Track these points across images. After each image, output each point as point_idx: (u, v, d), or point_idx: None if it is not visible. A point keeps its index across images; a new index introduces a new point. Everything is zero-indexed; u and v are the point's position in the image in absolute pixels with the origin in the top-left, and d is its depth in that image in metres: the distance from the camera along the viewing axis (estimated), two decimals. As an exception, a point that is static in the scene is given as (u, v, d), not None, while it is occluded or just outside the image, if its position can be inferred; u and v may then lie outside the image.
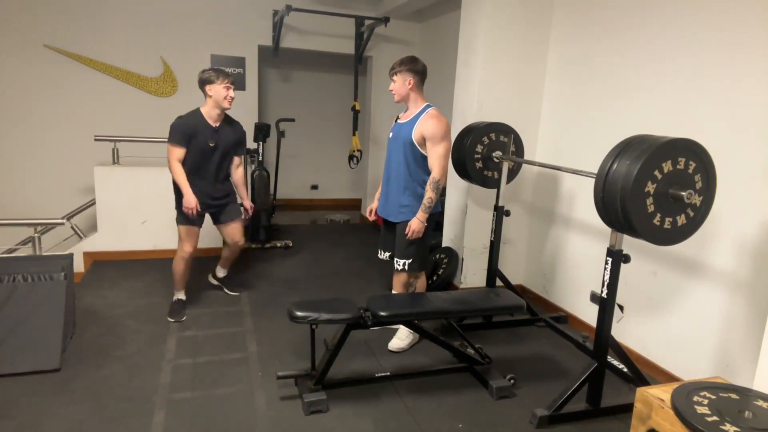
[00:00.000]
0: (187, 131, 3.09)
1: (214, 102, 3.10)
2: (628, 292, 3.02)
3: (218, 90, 3.06)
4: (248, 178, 5.35)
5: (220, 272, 3.82)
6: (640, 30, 2.96)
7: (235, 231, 3.48)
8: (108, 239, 4.41)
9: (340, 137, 7.20)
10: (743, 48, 2.41)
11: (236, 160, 3.41)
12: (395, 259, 3.00)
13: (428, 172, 2.84)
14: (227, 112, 3.25)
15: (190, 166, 3.17)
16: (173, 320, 3.32)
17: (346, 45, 5.90)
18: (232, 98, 3.12)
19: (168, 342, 3.03)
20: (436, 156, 2.78)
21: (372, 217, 3.17)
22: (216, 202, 3.35)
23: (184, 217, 3.25)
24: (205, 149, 3.15)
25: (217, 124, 3.18)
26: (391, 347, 3.03)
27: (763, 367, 1.86)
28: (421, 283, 3.16)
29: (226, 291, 3.78)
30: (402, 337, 3.05)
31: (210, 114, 3.14)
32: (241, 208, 3.53)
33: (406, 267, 2.96)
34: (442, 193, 4.26)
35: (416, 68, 2.82)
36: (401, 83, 2.83)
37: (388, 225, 3.10)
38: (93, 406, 2.37)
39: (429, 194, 2.79)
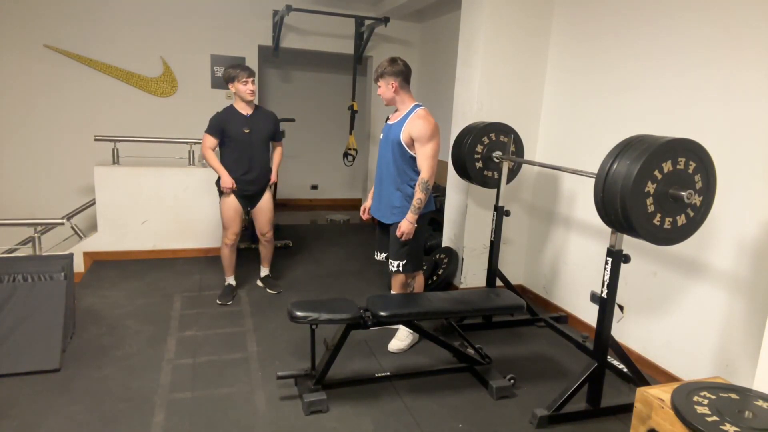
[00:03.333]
0: (220, 123, 3.46)
1: (239, 97, 3.47)
2: (628, 292, 3.02)
3: (238, 87, 3.40)
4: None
5: (263, 271, 3.98)
6: (641, 30, 2.97)
7: (263, 219, 3.71)
8: (108, 239, 4.41)
9: (341, 137, 7.20)
10: (744, 48, 2.41)
11: (275, 144, 3.76)
12: (389, 261, 3.00)
13: (418, 173, 2.83)
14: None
15: (236, 154, 3.50)
16: (220, 302, 3.59)
17: (346, 45, 5.90)
18: (252, 90, 3.45)
19: (168, 342, 3.03)
20: (425, 156, 2.77)
21: (365, 216, 3.17)
22: (255, 187, 3.60)
23: (224, 196, 3.54)
24: (242, 135, 3.47)
25: (249, 112, 3.51)
26: (390, 348, 3.03)
27: (763, 367, 1.86)
28: (418, 283, 3.16)
29: (268, 290, 3.89)
30: (401, 338, 3.05)
31: (239, 105, 3.50)
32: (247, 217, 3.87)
33: (401, 268, 2.96)
34: (441, 193, 4.27)
35: (396, 70, 2.82)
36: (385, 88, 2.85)
37: (382, 226, 3.10)
38: (93, 406, 2.37)
39: (418, 195, 2.79)
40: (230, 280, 3.78)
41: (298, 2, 5.20)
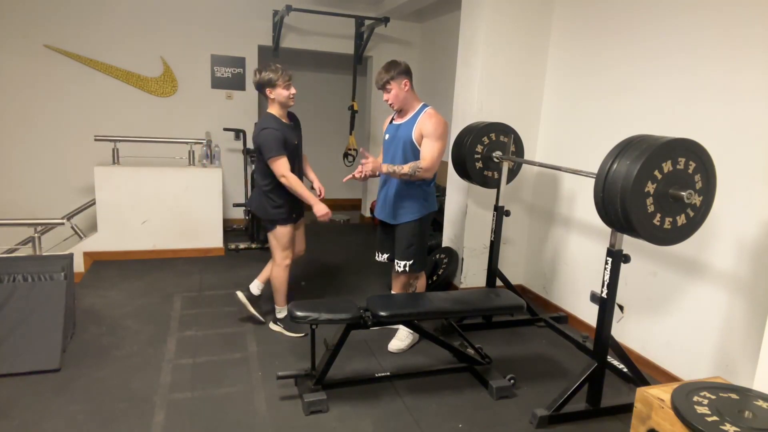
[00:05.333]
0: (282, 138, 2.92)
1: (279, 104, 2.99)
2: (628, 292, 3.02)
3: (280, 92, 2.94)
4: (249, 179, 5.38)
5: (256, 288, 3.36)
6: (641, 30, 2.96)
7: (301, 238, 3.44)
8: (108, 239, 4.41)
9: (341, 137, 7.19)
10: (744, 48, 2.41)
11: (304, 154, 3.33)
12: (396, 261, 2.99)
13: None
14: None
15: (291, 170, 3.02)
16: (297, 335, 3.14)
17: (346, 45, 5.90)
18: (294, 94, 3.00)
19: (168, 342, 3.03)
20: (429, 150, 2.76)
21: (359, 174, 2.91)
22: (303, 205, 3.23)
23: (286, 217, 3.11)
24: (293, 149, 3.04)
25: (289, 122, 3.09)
26: (390, 348, 3.03)
27: (763, 367, 1.86)
28: (421, 283, 3.16)
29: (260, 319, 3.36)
30: (401, 338, 3.05)
31: (281, 114, 3.03)
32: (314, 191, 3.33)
33: (407, 268, 2.96)
34: (442, 193, 4.27)
35: (404, 69, 2.81)
36: (398, 89, 2.79)
37: (385, 227, 3.10)
38: (93, 406, 2.37)
39: (405, 169, 2.74)
40: (284, 312, 3.23)
41: (298, 2, 5.20)
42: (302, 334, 3.13)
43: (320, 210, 3.05)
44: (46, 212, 4.88)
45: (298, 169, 3.14)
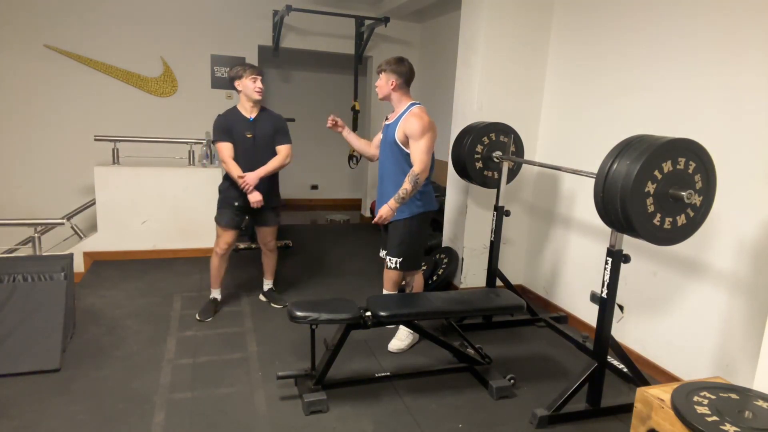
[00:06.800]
0: (224, 126, 3.19)
1: (245, 95, 3.20)
2: (628, 292, 3.02)
3: (246, 84, 3.15)
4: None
5: (266, 284, 3.69)
6: (641, 29, 2.96)
7: (266, 233, 3.48)
8: (108, 239, 4.41)
9: (340, 137, 7.18)
10: (743, 47, 2.41)
11: (277, 148, 3.32)
12: (387, 256, 3.00)
13: None
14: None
15: (237, 162, 3.21)
16: (200, 319, 3.31)
17: (346, 45, 5.90)
18: (261, 88, 3.20)
19: (168, 342, 3.03)
20: (418, 151, 2.77)
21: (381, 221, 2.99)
22: (261, 208, 3.30)
23: (222, 218, 3.30)
24: (244, 141, 3.21)
25: (254, 115, 3.24)
26: (390, 348, 3.03)
27: (763, 367, 1.86)
28: (417, 283, 3.16)
29: (273, 305, 3.60)
30: (401, 338, 3.05)
31: (245, 106, 3.23)
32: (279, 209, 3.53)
33: (398, 265, 2.96)
34: (442, 193, 4.26)
35: (400, 70, 2.84)
36: (384, 82, 2.88)
37: (385, 224, 3.10)
38: (93, 406, 2.37)
39: (405, 185, 2.77)
40: (215, 294, 3.48)
41: (298, 2, 5.20)
42: (208, 320, 3.33)
43: (253, 197, 3.22)
44: (46, 212, 4.88)
45: (252, 162, 3.23)
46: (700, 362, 2.62)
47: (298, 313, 2.39)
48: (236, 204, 3.27)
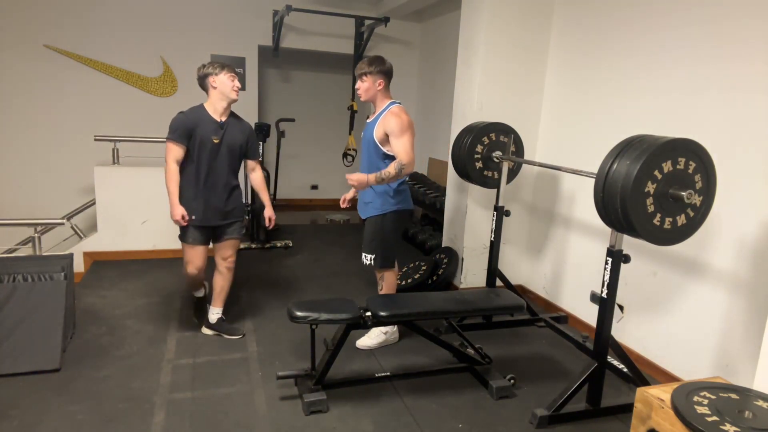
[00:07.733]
0: (188, 125, 2.80)
1: (221, 94, 2.82)
2: (628, 292, 3.02)
3: (224, 81, 2.80)
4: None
5: (213, 315, 3.11)
6: (641, 29, 2.96)
7: (227, 246, 3.01)
8: (108, 239, 4.40)
9: (340, 137, 7.20)
10: (744, 48, 2.41)
11: (250, 164, 3.06)
12: (362, 253, 3.00)
13: None
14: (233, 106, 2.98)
15: (196, 168, 2.85)
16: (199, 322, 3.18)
17: (346, 45, 5.90)
18: (239, 88, 2.88)
19: (168, 342, 3.03)
20: (401, 146, 2.74)
21: (344, 205, 3.06)
22: (222, 221, 2.94)
23: (187, 234, 2.91)
24: (209, 146, 2.82)
25: (223, 119, 2.87)
26: (358, 345, 2.99)
27: (763, 367, 1.86)
28: (388, 282, 3.02)
29: (226, 336, 3.09)
30: (372, 336, 3.03)
31: (216, 107, 2.85)
32: (245, 220, 3.26)
33: (372, 262, 2.95)
34: (441, 193, 4.25)
35: (386, 69, 2.85)
36: (371, 84, 2.85)
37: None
38: (93, 406, 2.37)
39: (389, 168, 2.71)
40: (198, 293, 3.25)
41: (298, 2, 5.20)
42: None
43: (174, 214, 2.85)
44: (46, 212, 4.88)
45: (214, 170, 2.87)
46: (700, 362, 2.62)
47: (298, 313, 2.39)
48: (193, 217, 2.86)
